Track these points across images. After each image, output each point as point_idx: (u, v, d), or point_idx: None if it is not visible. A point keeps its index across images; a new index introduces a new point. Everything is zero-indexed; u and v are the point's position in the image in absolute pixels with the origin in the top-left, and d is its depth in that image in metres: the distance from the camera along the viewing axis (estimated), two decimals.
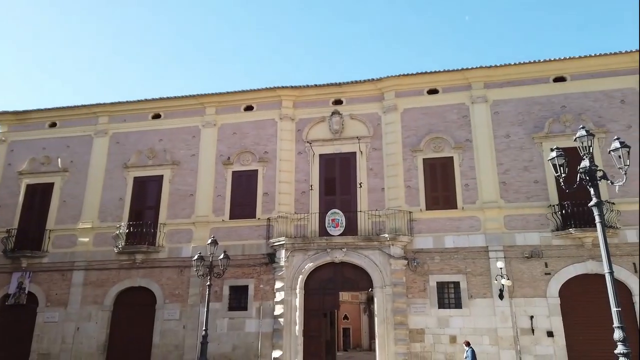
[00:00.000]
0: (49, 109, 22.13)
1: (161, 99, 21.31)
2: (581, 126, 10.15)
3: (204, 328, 16.12)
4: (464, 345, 14.91)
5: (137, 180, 20.60)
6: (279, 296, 17.44)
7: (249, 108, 20.87)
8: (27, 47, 59.56)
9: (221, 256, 16.77)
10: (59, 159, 21.42)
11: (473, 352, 14.50)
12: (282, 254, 17.74)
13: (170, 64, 63.77)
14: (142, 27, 60.33)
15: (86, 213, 20.28)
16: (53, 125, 22.24)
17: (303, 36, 63.31)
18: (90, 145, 21.41)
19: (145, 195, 20.38)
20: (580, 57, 18.09)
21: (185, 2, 57.79)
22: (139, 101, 21.55)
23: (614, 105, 17.64)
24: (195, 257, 16.70)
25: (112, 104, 21.77)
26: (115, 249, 19.17)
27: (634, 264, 15.68)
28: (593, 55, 18.03)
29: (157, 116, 21.57)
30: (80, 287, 19.27)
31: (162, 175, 20.37)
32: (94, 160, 21.12)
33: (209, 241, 16.72)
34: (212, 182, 19.87)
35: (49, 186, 21.02)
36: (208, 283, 16.54)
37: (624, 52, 17.72)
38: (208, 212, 19.44)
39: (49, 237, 20.10)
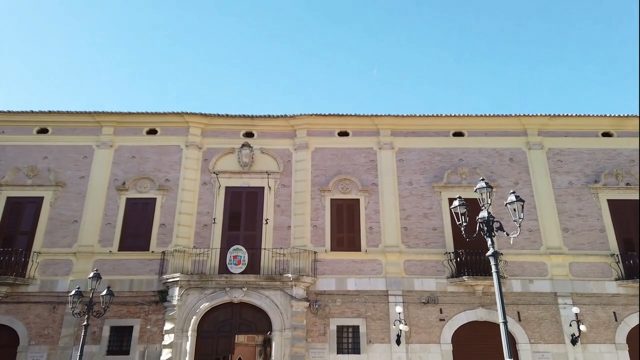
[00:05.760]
0: None
1: (51, 112, 19.21)
2: (481, 178, 10.72)
3: None
4: None
5: (10, 200, 18.12)
6: (168, 339, 15.88)
7: (152, 131, 19.58)
8: None
9: (104, 292, 14.98)
10: None
11: None
12: (176, 292, 16.33)
13: (68, 77, 58.89)
14: (36, 31, 55.31)
15: None
16: None
17: (214, 64, 62.44)
18: None
19: (20, 219, 17.97)
20: (476, 115, 19.63)
21: (95, 2, 54.26)
22: (23, 112, 19.24)
23: (504, 163, 19.22)
24: (73, 292, 14.78)
25: None
26: None
27: (518, 312, 16.73)
28: (486, 115, 19.65)
29: (43, 131, 19.39)
30: None
31: (42, 197, 18.17)
32: None
33: (91, 274, 14.94)
34: (102, 209, 18.04)
35: None
36: (85, 323, 14.59)
37: (513, 115, 19.58)
38: (93, 242, 17.48)
39: None
